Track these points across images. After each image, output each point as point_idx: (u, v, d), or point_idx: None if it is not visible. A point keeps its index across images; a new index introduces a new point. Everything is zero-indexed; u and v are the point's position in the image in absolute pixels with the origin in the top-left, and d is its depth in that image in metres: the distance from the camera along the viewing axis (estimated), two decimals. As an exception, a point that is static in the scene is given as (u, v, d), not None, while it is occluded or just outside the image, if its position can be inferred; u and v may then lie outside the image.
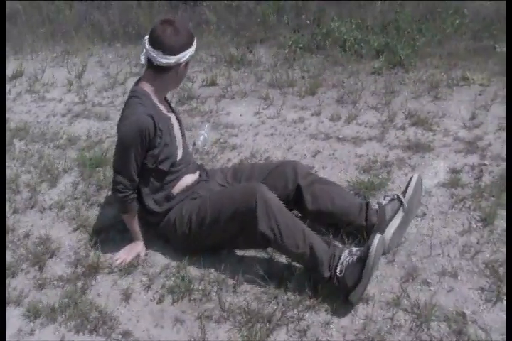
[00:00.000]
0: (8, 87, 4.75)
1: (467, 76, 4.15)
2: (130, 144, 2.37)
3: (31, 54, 5.35)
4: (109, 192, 3.10)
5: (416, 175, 2.61)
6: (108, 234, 2.82)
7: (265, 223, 2.25)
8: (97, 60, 5.05)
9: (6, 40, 4.98)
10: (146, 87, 2.45)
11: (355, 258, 2.19)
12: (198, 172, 2.71)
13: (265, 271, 2.40)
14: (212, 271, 2.47)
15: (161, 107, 2.50)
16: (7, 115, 4.20)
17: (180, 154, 2.58)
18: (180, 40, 2.31)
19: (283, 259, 2.48)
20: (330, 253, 2.23)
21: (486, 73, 4.18)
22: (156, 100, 2.47)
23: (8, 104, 4.43)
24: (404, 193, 2.56)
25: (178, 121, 2.67)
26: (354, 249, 2.26)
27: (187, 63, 2.41)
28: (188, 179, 2.64)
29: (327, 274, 2.22)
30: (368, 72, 4.38)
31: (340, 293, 2.24)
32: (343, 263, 2.20)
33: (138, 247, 2.63)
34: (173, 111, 2.66)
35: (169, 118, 2.53)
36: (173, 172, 2.56)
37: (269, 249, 2.51)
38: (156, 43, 2.29)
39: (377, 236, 2.15)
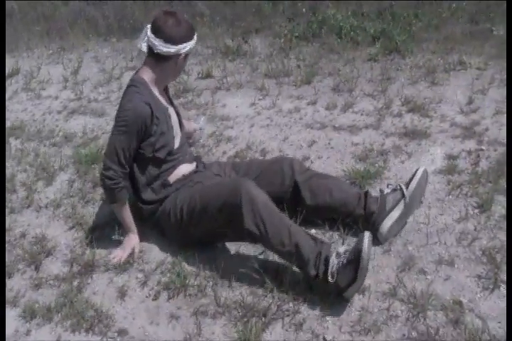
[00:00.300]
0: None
1: (464, 60, 4.10)
2: (125, 131, 2.41)
3: (27, 51, 5.34)
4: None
5: (422, 168, 2.59)
6: (103, 231, 2.81)
7: (251, 220, 2.23)
8: (93, 56, 5.02)
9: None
10: (145, 76, 2.50)
11: (344, 261, 2.13)
12: (194, 163, 2.73)
13: (260, 264, 2.38)
14: (208, 266, 2.45)
15: (160, 97, 2.54)
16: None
17: (177, 143, 2.62)
18: (181, 31, 2.38)
19: (278, 252, 2.46)
20: (316, 250, 2.19)
21: (483, 57, 4.13)
22: (154, 90, 2.52)
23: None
24: (407, 185, 2.53)
25: (177, 113, 2.70)
26: (341, 249, 2.20)
27: (186, 56, 2.47)
28: (185, 168, 2.66)
29: (313, 272, 2.18)
30: (364, 59, 4.33)
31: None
32: (333, 267, 2.14)
33: (131, 241, 2.62)
34: (171, 103, 2.70)
35: (167, 109, 2.57)
36: (169, 161, 2.59)
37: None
38: (158, 32, 2.36)
39: (366, 236, 2.11)
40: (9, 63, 5.04)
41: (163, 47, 2.38)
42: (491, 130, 3.25)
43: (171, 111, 2.64)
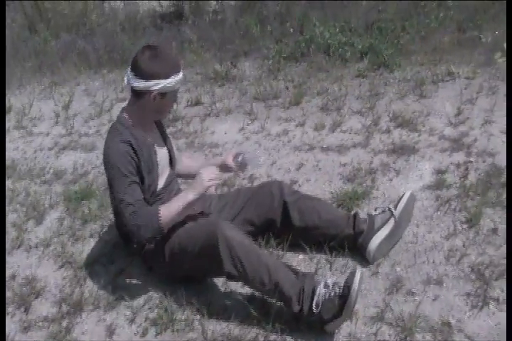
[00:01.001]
0: (-4, 124, 4.80)
1: (452, 70, 4.09)
2: (118, 172, 2.29)
3: (19, 88, 5.38)
4: (94, 226, 3.10)
5: (409, 192, 2.56)
6: (93, 268, 2.79)
7: (229, 263, 2.19)
8: (84, 89, 5.05)
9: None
10: (128, 113, 2.40)
11: (332, 293, 2.10)
12: None
13: (246, 296, 2.36)
14: (195, 299, 2.41)
15: (144, 134, 2.42)
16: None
17: (161, 183, 2.52)
18: (154, 67, 2.23)
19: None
20: (299, 286, 2.15)
21: (471, 65, 4.11)
22: (137, 127, 2.39)
23: (-4, 142, 4.46)
24: (395, 206, 2.51)
25: (169, 150, 2.59)
26: (329, 281, 2.15)
27: (163, 94, 2.28)
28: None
29: (296, 308, 2.14)
30: (352, 76, 4.32)
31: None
32: (319, 296, 2.10)
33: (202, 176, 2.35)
34: (164, 139, 2.59)
35: (152, 145, 2.45)
36: (153, 202, 2.48)
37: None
38: (132, 64, 2.27)
39: (358, 274, 2.07)
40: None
41: (134, 81, 2.25)
42: (479, 141, 3.22)
43: (159, 148, 2.51)
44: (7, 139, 4.35)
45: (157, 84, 2.23)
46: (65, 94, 4.93)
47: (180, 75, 2.28)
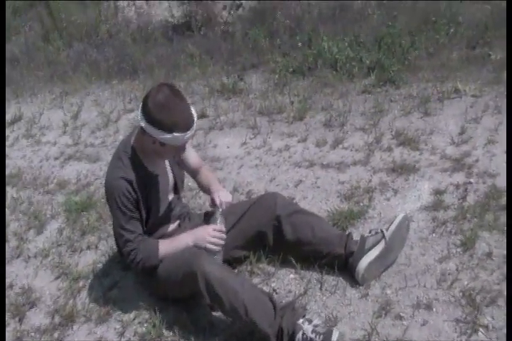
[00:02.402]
0: (6, 132, 4.86)
1: (459, 88, 4.06)
2: (118, 207, 2.32)
3: (31, 97, 5.47)
4: (92, 237, 3.13)
5: (401, 215, 2.55)
6: (87, 280, 2.82)
7: (208, 298, 2.20)
8: (93, 99, 5.11)
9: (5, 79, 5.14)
10: (135, 141, 2.37)
11: (314, 336, 2.11)
12: (177, 222, 2.65)
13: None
14: (184, 315, 2.43)
15: (149, 163, 2.40)
16: (3, 162, 4.30)
17: (162, 210, 2.52)
18: (160, 116, 2.13)
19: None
20: (277, 325, 2.14)
21: (478, 83, 4.08)
22: (143, 159, 2.38)
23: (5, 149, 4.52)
24: (387, 229, 2.50)
25: (174, 176, 2.56)
26: (316, 321, 2.17)
27: (163, 144, 2.22)
28: (166, 229, 2.59)
29: None
30: (358, 92, 4.32)
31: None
32: (302, 333, 2.13)
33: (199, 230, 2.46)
34: (171, 166, 2.55)
35: (156, 176, 2.43)
36: (152, 226, 2.50)
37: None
38: (144, 99, 2.19)
39: (335, 334, 2.10)
40: (13, 110, 5.17)
41: (139, 116, 2.19)
42: (481, 161, 3.19)
43: (163, 176, 2.49)
44: (15, 147, 4.42)
45: (157, 134, 2.17)
46: (74, 103, 5.00)
47: (187, 135, 2.19)
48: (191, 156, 2.70)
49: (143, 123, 2.18)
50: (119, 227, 2.38)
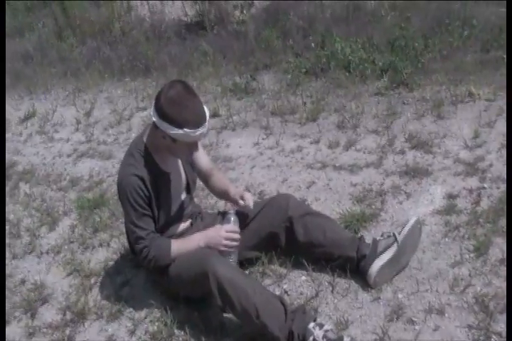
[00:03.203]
0: (20, 128, 4.90)
1: (473, 91, 4.04)
2: (131, 205, 2.33)
3: (44, 93, 5.49)
4: (104, 235, 3.14)
5: (414, 218, 2.54)
6: (99, 277, 2.84)
7: (219, 299, 2.20)
8: (106, 96, 5.13)
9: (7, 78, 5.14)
10: (147, 138, 2.38)
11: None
12: (189, 221, 2.65)
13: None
14: (195, 315, 2.44)
15: (161, 161, 2.41)
16: (16, 158, 4.32)
17: (174, 210, 2.53)
18: (171, 111, 2.16)
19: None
20: (287, 329, 2.14)
21: (492, 87, 4.05)
22: (155, 156, 2.39)
23: (18, 146, 4.55)
24: (400, 232, 2.49)
25: (187, 175, 2.57)
26: (328, 326, 2.16)
27: (174, 140, 2.24)
28: (177, 228, 2.59)
29: None
30: (371, 94, 4.31)
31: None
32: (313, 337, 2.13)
33: (210, 231, 2.48)
34: (183, 164, 2.56)
35: (168, 174, 2.44)
36: (166, 228, 2.53)
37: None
38: (157, 94, 2.22)
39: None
40: (26, 106, 5.20)
41: (152, 111, 2.22)
42: (495, 166, 3.17)
43: (175, 174, 2.50)
44: (29, 144, 4.45)
45: (168, 129, 2.19)
46: (87, 100, 5.02)
47: (198, 131, 2.20)
48: (202, 159, 2.69)
49: (155, 119, 2.21)
50: (131, 224, 2.38)
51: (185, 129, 2.17)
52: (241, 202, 2.55)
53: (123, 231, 3.06)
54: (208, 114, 2.27)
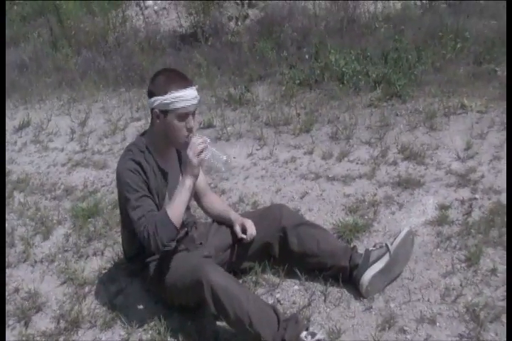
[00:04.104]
0: (14, 137, 4.91)
1: (465, 103, 4.09)
2: (133, 189, 2.31)
3: (39, 103, 5.51)
4: (98, 244, 3.15)
5: (406, 229, 2.57)
6: (93, 286, 2.84)
7: (213, 306, 2.21)
8: (101, 106, 5.16)
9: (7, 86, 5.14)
10: (147, 137, 2.43)
11: None
12: (185, 230, 2.63)
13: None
14: (189, 324, 2.45)
15: (158, 161, 2.43)
16: (11, 166, 4.33)
17: None
18: (154, 83, 2.31)
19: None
20: (280, 336, 2.15)
21: (484, 99, 4.11)
22: (154, 153, 2.41)
23: (13, 155, 4.56)
24: (392, 242, 2.52)
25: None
26: (320, 336, 2.17)
27: (165, 114, 2.27)
28: None
29: None
30: (364, 105, 4.35)
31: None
32: None
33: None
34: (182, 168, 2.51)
35: (166, 174, 2.45)
36: None
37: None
38: None
39: None
40: (21, 115, 5.21)
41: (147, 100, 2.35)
42: (486, 177, 3.22)
43: (173, 179, 2.47)
44: (23, 153, 4.46)
45: (155, 101, 2.27)
46: (82, 110, 5.04)
47: (181, 93, 2.23)
48: (200, 177, 2.67)
49: (148, 102, 2.33)
50: (130, 209, 2.30)
51: (171, 93, 2.23)
52: (243, 235, 2.55)
53: (117, 240, 3.09)
54: (196, 87, 2.32)
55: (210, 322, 2.44)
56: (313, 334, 2.17)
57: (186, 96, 2.26)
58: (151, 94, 2.31)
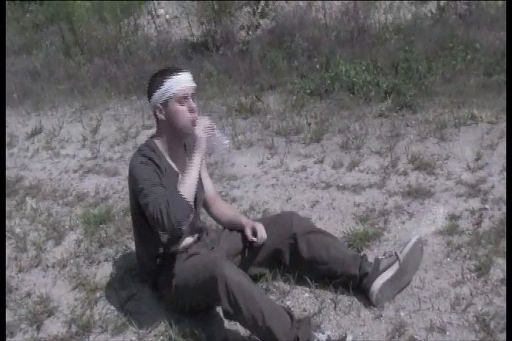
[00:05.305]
0: (26, 144, 4.95)
1: (475, 114, 4.11)
2: (150, 184, 2.30)
3: (51, 110, 5.56)
4: (109, 250, 3.17)
5: (415, 237, 2.58)
6: (104, 291, 2.86)
7: (226, 302, 2.21)
8: (113, 114, 5.20)
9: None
10: (157, 139, 2.47)
11: None
12: (196, 235, 2.65)
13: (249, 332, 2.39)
14: (199, 330, 2.46)
15: (171, 162, 2.48)
16: (23, 173, 4.37)
17: None
18: (148, 86, 2.39)
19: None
20: (293, 334, 2.15)
21: (495, 110, 4.12)
22: (165, 153, 2.46)
23: (25, 161, 4.60)
24: (401, 251, 2.53)
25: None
26: (329, 333, 2.20)
27: (165, 104, 2.33)
28: (184, 241, 2.59)
29: None
30: (375, 115, 4.38)
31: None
32: None
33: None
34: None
35: (177, 173, 2.48)
36: (170, 237, 2.52)
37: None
38: None
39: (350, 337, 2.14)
40: (33, 122, 5.26)
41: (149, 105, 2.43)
42: (496, 188, 3.23)
43: None
44: (35, 159, 4.50)
45: (154, 97, 2.36)
46: (93, 118, 5.09)
47: (175, 78, 2.31)
48: (208, 185, 2.75)
49: (151, 105, 2.41)
50: (143, 197, 2.28)
51: (165, 82, 2.31)
52: (254, 238, 2.57)
53: (128, 246, 3.12)
54: (188, 70, 2.41)
55: (220, 327, 2.46)
56: (323, 332, 2.21)
57: (181, 79, 2.35)
58: (149, 95, 2.39)
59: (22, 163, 4.59)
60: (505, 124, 3.92)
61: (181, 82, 2.34)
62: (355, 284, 2.53)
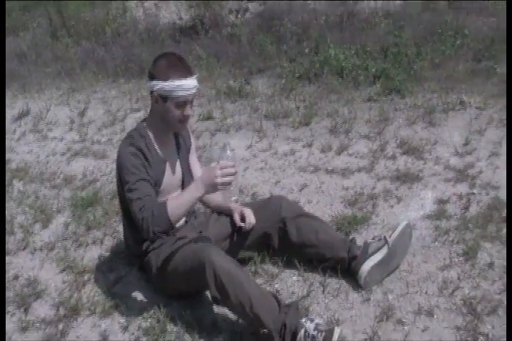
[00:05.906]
0: (13, 126, 4.90)
1: (464, 99, 4.13)
2: (133, 173, 2.31)
3: (38, 92, 5.51)
4: (97, 233, 3.16)
5: (404, 222, 2.59)
6: (92, 274, 2.85)
7: (214, 287, 2.20)
8: (101, 97, 5.16)
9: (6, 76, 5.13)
10: (146, 122, 2.45)
11: (316, 333, 2.12)
12: (184, 218, 2.63)
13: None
14: (188, 312, 2.46)
15: (160, 148, 2.46)
16: (10, 155, 4.32)
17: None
18: (157, 67, 2.28)
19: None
20: (281, 321, 2.16)
21: (483, 95, 4.14)
22: (155, 138, 2.44)
23: (12, 144, 4.56)
24: (390, 235, 2.54)
25: (183, 169, 2.58)
26: (311, 325, 2.16)
27: (165, 99, 2.28)
28: None
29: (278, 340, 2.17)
30: (363, 99, 4.38)
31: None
32: (300, 339, 2.15)
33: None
34: (182, 159, 2.58)
35: (164, 162, 2.47)
36: None
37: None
38: None
39: (336, 332, 2.12)
40: (20, 105, 5.20)
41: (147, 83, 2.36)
42: (484, 172, 3.25)
43: (171, 168, 2.51)
44: (22, 142, 4.45)
45: (156, 85, 2.26)
46: (81, 100, 5.04)
47: (182, 82, 2.24)
48: (196, 168, 2.72)
49: (147, 85, 2.33)
50: (128, 191, 2.30)
51: (170, 80, 2.24)
52: (242, 224, 2.58)
53: (116, 229, 3.11)
54: (196, 75, 2.32)
55: (209, 310, 2.46)
56: (312, 320, 2.19)
57: (186, 86, 2.27)
58: (151, 77, 2.31)
59: (9, 145, 4.54)
60: (493, 110, 3.94)
61: (186, 88, 2.27)
62: (344, 268, 2.54)
